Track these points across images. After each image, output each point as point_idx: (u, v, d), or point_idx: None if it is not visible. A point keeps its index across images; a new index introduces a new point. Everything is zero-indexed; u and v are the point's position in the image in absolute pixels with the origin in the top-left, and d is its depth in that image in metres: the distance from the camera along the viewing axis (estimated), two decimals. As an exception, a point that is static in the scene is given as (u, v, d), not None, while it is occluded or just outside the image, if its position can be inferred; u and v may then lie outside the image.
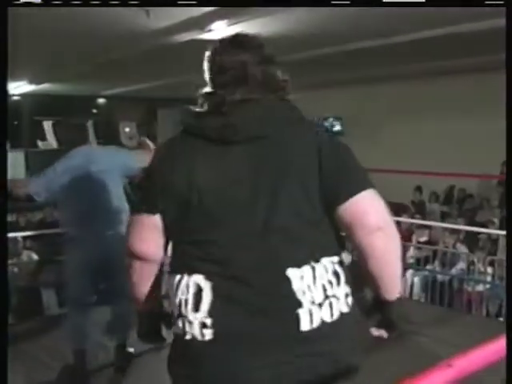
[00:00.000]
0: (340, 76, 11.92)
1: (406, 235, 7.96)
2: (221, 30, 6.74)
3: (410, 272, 7.10)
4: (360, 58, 9.17)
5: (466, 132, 10.76)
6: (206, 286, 1.56)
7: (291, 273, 1.54)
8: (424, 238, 7.55)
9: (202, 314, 1.55)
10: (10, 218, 12.01)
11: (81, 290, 3.36)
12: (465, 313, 6.00)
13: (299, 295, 1.54)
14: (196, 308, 1.56)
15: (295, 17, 6.49)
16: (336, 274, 1.62)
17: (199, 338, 1.56)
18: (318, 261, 1.58)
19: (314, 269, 1.57)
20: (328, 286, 1.59)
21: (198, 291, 1.56)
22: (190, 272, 1.59)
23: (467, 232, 7.34)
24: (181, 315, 1.59)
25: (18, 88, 13.92)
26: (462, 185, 11.03)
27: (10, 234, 7.36)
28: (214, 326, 1.54)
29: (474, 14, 5.88)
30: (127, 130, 17.34)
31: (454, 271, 6.60)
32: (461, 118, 11.05)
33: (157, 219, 1.65)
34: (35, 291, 5.65)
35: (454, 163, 9.91)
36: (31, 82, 12.76)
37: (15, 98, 15.49)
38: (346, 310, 1.64)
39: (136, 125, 17.55)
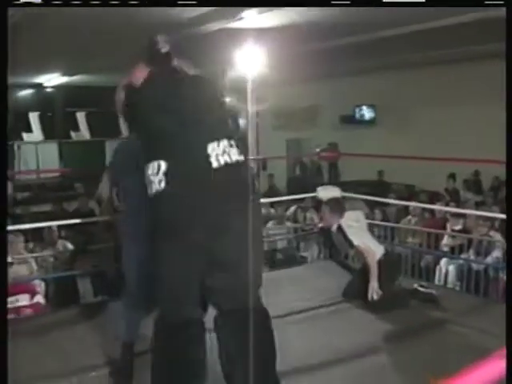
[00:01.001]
0: (373, 63, 11.81)
1: (440, 223, 7.87)
2: (252, 18, 6.71)
3: (444, 260, 7.01)
4: (393, 45, 9.06)
5: (501, 118, 10.57)
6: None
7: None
8: (458, 227, 7.45)
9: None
10: (45, 207, 12.20)
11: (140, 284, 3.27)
12: (501, 302, 5.92)
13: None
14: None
15: (328, 4, 6.42)
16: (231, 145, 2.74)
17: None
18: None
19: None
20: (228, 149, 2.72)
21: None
22: None
23: (502, 220, 7.22)
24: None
25: (51, 80, 14.07)
26: (496, 172, 10.85)
27: (45, 224, 7.47)
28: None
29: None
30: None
31: (489, 260, 6.50)
32: (496, 103, 10.86)
33: None
34: (71, 280, 5.72)
35: (488, 150, 9.75)
36: (64, 73, 12.88)
37: (49, 89, 15.66)
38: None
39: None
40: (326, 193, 5.72)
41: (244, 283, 2.70)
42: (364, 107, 14.26)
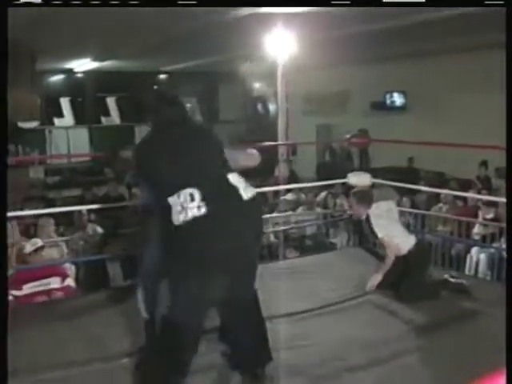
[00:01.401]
0: (404, 49, 11.66)
1: (471, 212, 7.76)
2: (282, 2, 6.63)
3: (475, 249, 6.93)
4: (424, 31, 8.93)
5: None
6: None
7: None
8: (490, 215, 7.34)
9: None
10: (76, 192, 12.34)
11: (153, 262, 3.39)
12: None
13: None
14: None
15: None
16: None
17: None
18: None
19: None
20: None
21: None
22: None
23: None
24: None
25: (82, 65, 14.16)
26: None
27: (76, 208, 7.55)
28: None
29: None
30: (188, 105, 17.45)
31: (521, 249, 6.41)
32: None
33: None
34: (101, 264, 5.77)
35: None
36: (95, 59, 12.94)
37: (79, 75, 15.77)
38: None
39: (197, 100, 17.65)
40: (357, 179, 5.68)
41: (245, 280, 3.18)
42: (395, 93, 14.12)
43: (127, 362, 3.52)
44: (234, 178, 3.03)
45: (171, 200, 2.88)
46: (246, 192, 3.02)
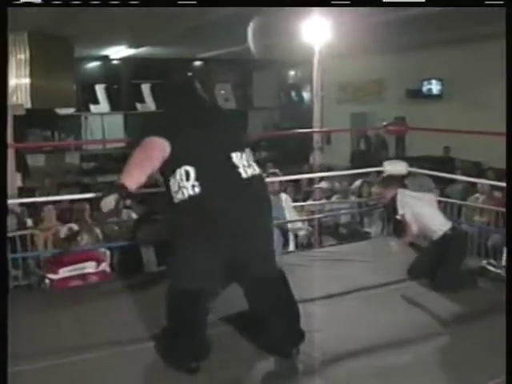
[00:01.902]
0: (440, 36, 11.47)
1: (509, 202, 7.62)
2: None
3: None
4: (461, 17, 8.77)
5: None
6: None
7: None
8: (529, 206, 7.20)
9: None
10: (111, 177, 12.44)
11: None
12: None
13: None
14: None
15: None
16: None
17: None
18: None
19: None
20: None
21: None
22: None
23: None
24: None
25: (118, 52, 14.24)
26: None
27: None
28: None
29: None
30: (223, 91, 17.45)
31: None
32: None
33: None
34: (135, 249, 5.80)
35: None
36: (130, 46, 13.00)
37: (115, 62, 15.87)
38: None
39: (231, 86, 17.64)
40: (393, 167, 5.62)
41: (260, 257, 3.22)
42: (432, 81, 13.92)
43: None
44: (237, 157, 3.14)
45: (171, 179, 3.03)
46: (246, 171, 3.13)
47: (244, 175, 3.12)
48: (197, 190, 2.98)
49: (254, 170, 3.20)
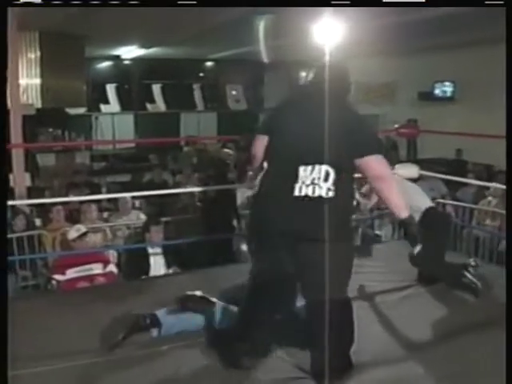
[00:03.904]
0: (452, 38, 11.40)
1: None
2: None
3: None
4: (474, 19, 8.69)
5: None
6: None
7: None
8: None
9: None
10: (121, 178, 12.45)
11: None
12: None
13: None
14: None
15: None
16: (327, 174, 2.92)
17: None
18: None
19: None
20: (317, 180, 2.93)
21: None
22: None
23: None
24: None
25: (129, 52, 14.24)
26: None
27: (121, 195, 7.59)
28: None
29: None
30: (234, 92, 17.43)
31: None
32: None
33: None
34: (143, 251, 5.76)
35: None
36: (141, 46, 13.00)
37: (126, 62, 15.88)
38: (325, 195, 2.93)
39: (242, 88, 17.60)
40: (405, 170, 5.54)
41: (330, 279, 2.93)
42: (445, 83, 13.82)
43: (166, 349, 3.51)
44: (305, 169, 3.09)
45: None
46: (303, 188, 3.04)
47: (296, 193, 2.97)
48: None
49: (314, 191, 2.95)
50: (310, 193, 2.94)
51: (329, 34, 8.38)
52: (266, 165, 3.20)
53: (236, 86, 17.53)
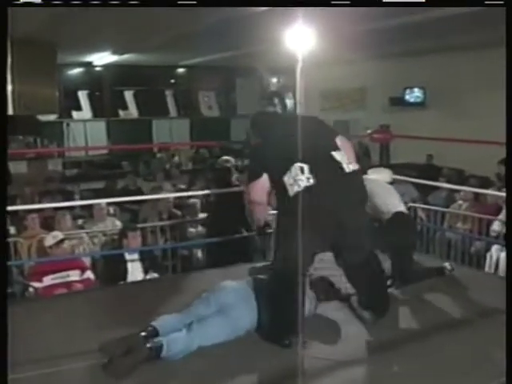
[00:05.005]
0: (422, 45, 11.57)
1: (492, 210, 7.68)
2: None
3: (495, 247, 6.87)
4: (443, 26, 8.84)
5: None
6: None
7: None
8: (513, 213, 7.26)
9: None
10: (94, 185, 12.41)
11: None
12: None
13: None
14: None
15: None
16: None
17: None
18: None
19: None
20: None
21: None
22: None
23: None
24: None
25: (101, 59, 14.18)
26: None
27: (96, 201, 7.59)
28: None
29: None
30: (206, 99, 17.46)
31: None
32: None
33: None
34: (120, 257, 5.77)
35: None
36: (114, 52, 12.95)
37: (98, 68, 15.80)
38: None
39: (215, 94, 17.64)
40: (378, 175, 5.62)
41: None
42: (414, 89, 14.02)
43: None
44: (337, 155, 3.65)
45: (286, 176, 3.50)
46: (349, 166, 3.64)
47: (347, 169, 3.62)
48: (311, 181, 3.45)
49: (355, 166, 3.72)
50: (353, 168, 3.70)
51: (300, 40, 8.50)
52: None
53: (208, 93, 17.56)
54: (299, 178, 3.46)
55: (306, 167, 3.48)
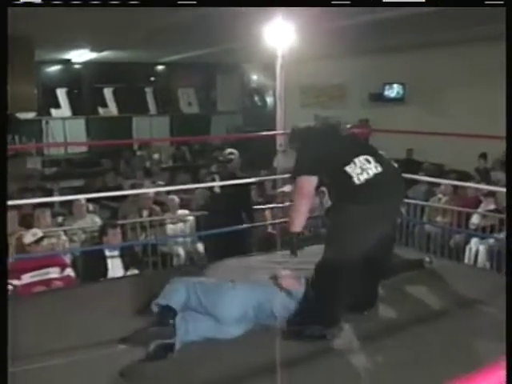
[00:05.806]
0: (402, 41, 11.63)
1: (471, 203, 7.76)
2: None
3: (475, 240, 6.93)
4: (423, 23, 8.89)
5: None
6: None
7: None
8: (492, 207, 7.34)
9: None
10: (73, 183, 12.33)
11: None
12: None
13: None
14: None
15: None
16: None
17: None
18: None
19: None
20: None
21: None
22: None
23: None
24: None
25: (80, 56, 14.08)
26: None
27: (75, 197, 7.54)
28: None
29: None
30: (186, 96, 17.42)
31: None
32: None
33: None
34: (100, 254, 5.75)
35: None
36: (92, 49, 12.88)
37: (77, 66, 15.69)
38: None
39: (194, 91, 17.61)
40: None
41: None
42: (393, 85, 14.07)
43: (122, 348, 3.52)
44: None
45: (348, 168, 3.69)
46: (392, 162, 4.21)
47: (395, 164, 4.24)
48: (379, 168, 3.71)
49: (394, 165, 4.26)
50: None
51: (280, 36, 8.49)
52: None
53: (188, 90, 17.51)
54: (367, 166, 3.71)
55: (371, 158, 3.76)
